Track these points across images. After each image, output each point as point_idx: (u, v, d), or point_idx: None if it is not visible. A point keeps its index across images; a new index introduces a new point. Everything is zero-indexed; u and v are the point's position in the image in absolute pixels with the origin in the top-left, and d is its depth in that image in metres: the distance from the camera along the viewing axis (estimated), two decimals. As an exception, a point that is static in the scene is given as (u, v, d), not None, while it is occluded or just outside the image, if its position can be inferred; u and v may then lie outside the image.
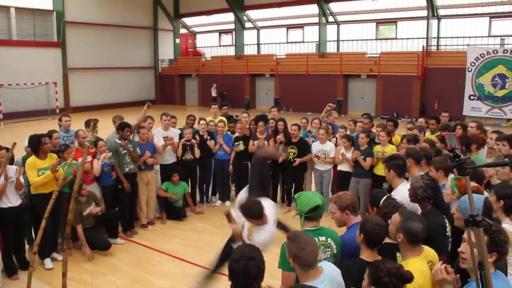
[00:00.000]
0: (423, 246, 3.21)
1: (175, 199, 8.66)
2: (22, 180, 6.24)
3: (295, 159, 8.73)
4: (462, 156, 2.55)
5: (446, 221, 3.95)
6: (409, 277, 2.73)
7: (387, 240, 3.48)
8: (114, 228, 7.61)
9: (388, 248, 3.47)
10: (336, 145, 8.68)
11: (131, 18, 31.88)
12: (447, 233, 3.91)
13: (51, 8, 27.65)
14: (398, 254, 3.46)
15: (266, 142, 8.90)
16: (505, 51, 21.00)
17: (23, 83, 25.06)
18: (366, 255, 3.32)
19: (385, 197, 4.13)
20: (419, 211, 4.12)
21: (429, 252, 3.28)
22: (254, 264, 2.62)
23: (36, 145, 6.44)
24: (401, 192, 4.54)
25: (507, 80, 20.87)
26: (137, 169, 8.02)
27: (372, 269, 2.77)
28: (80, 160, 7.12)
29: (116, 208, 7.81)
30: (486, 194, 4.00)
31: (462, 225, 3.33)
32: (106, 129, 8.40)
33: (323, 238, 3.59)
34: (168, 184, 8.68)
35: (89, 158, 7.49)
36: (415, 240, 3.15)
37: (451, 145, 2.73)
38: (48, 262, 6.67)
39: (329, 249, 3.60)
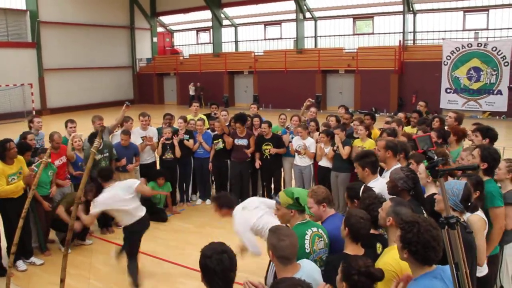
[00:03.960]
0: None
1: (166, 194, 8.65)
2: None
3: (271, 151, 8.78)
4: (435, 158, 2.57)
5: (424, 212, 4.01)
6: (379, 276, 2.76)
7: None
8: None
9: (369, 238, 3.52)
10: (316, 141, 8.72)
11: (107, 17, 31.50)
12: None
13: (24, 8, 27.15)
14: (378, 245, 3.54)
15: (245, 140, 8.89)
16: (479, 45, 21.37)
17: (-3, 85, 24.66)
18: (351, 249, 3.35)
19: (362, 187, 4.19)
20: None
21: None
22: (227, 257, 2.68)
23: (1, 151, 6.16)
24: (376, 187, 4.55)
25: (481, 73, 21.25)
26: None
27: (345, 265, 2.81)
28: (56, 162, 7.10)
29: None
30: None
31: (441, 208, 3.41)
32: (85, 130, 8.31)
33: (315, 229, 3.66)
34: (154, 184, 8.59)
35: (64, 159, 7.43)
36: None
37: (422, 147, 2.75)
38: (20, 264, 6.55)
39: (322, 239, 3.66)
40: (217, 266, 2.63)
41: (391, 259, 3.04)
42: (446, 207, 2.58)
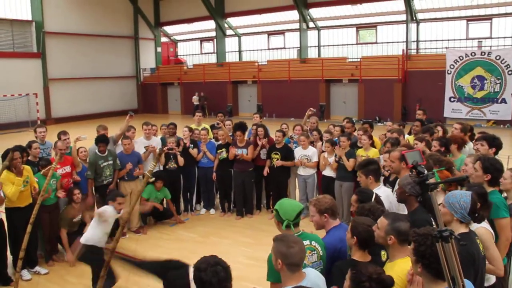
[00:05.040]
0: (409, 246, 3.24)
1: (160, 208, 8.60)
2: (1, 194, 6.13)
3: (277, 160, 8.75)
4: (425, 172, 2.55)
5: (432, 219, 4.00)
6: (389, 283, 2.75)
7: None
8: None
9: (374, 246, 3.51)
10: (321, 150, 8.69)
11: (112, 27, 31.71)
12: None
13: (30, 18, 27.37)
14: (383, 252, 3.52)
15: (245, 150, 8.89)
16: (483, 53, 21.39)
17: (2, 95, 24.78)
18: (358, 255, 3.35)
19: (374, 195, 4.19)
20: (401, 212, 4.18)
21: None
22: (221, 268, 2.68)
23: (4, 160, 6.16)
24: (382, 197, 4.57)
25: (485, 81, 21.24)
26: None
27: (354, 272, 2.78)
28: (59, 171, 7.12)
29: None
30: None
31: (447, 221, 3.38)
32: (90, 140, 8.33)
33: (307, 242, 3.60)
34: (151, 188, 8.59)
35: (68, 169, 7.43)
36: (405, 239, 3.19)
37: (412, 163, 2.72)
38: (25, 273, 6.53)
39: (315, 252, 3.61)
40: (213, 278, 2.63)
41: (395, 276, 3.01)
42: (439, 220, 2.56)
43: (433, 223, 3.95)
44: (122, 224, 4.52)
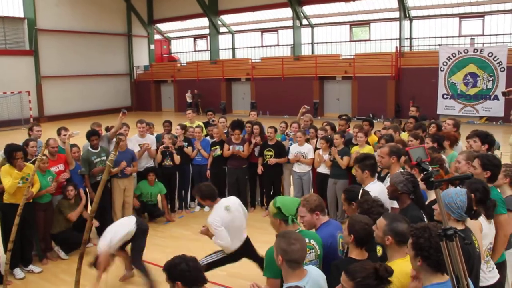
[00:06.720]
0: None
1: (136, 205, 8.63)
2: None
3: (271, 158, 8.76)
4: (429, 169, 2.55)
5: (424, 216, 4.01)
6: (391, 272, 2.74)
7: None
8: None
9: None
10: (315, 147, 8.70)
11: (105, 24, 31.55)
12: None
13: (22, 15, 27.19)
14: (378, 247, 3.56)
15: (241, 147, 8.89)
16: (475, 50, 21.48)
17: (-6, 92, 24.62)
18: (356, 253, 3.37)
19: (361, 191, 4.22)
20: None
21: None
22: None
23: (8, 156, 6.27)
24: (373, 190, 4.61)
25: (478, 78, 21.34)
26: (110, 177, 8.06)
27: (359, 280, 2.70)
28: (52, 169, 7.10)
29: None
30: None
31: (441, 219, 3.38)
32: (82, 137, 8.29)
33: (307, 240, 3.61)
34: (144, 183, 8.58)
35: (61, 167, 7.41)
36: (403, 240, 3.18)
37: (416, 159, 2.72)
38: (18, 272, 6.51)
39: (313, 250, 3.66)
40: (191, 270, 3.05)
41: (392, 276, 3.03)
42: (444, 218, 2.56)
43: (425, 219, 3.97)
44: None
